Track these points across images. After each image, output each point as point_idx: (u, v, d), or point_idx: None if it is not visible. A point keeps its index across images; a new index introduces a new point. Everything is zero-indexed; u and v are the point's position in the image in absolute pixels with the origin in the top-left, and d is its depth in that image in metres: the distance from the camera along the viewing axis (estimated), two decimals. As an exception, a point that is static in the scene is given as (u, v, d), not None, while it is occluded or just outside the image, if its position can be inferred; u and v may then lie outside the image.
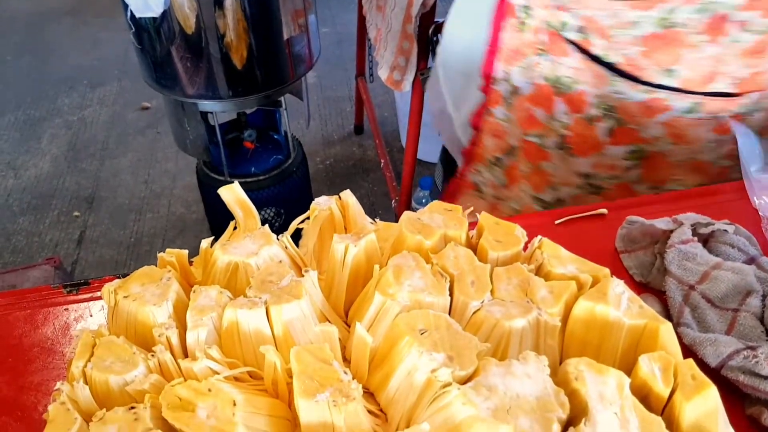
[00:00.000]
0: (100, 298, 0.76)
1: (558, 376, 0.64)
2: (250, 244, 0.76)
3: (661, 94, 1.09)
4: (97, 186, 2.95)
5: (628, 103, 1.11)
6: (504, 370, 0.62)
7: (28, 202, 2.88)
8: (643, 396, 0.63)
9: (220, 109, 2.02)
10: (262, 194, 2.20)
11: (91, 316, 0.87)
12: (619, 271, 0.88)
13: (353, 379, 0.61)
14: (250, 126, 2.30)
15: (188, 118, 2.04)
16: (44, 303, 0.89)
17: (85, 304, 0.89)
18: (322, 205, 0.84)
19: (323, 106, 3.38)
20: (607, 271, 0.73)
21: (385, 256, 0.80)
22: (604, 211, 0.96)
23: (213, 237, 0.85)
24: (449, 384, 0.61)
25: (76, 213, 2.81)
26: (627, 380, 0.61)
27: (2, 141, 3.27)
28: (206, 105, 1.99)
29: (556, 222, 0.96)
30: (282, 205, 2.27)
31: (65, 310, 0.88)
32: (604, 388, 0.61)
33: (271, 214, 2.27)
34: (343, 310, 0.76)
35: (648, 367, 0.63)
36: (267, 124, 2.36)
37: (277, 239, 0.79)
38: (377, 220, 0.88)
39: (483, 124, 1.32)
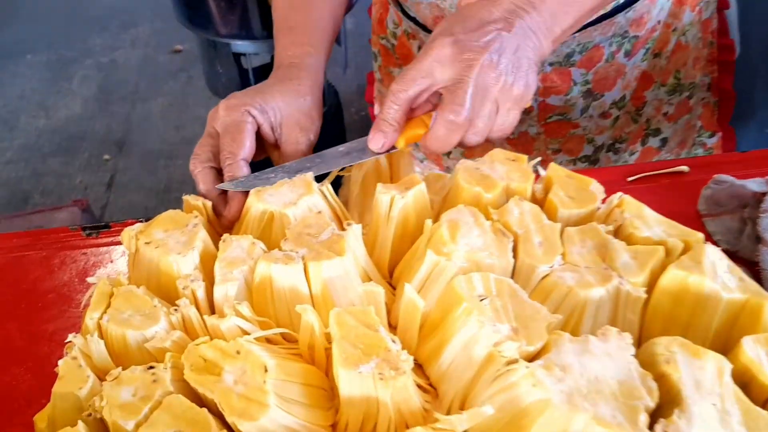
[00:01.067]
0: (121, 243, 0.68)
1: (641, 357, 0.55)
2: (287, 192, 0.68)
3: None
4: (128, 130, 2.89)
5: None
6: (580, 347, 0.53)
7: (58, 143, 2.83)
8: (744, 384, 0.53)
9: (253, 51, 1.93)
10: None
11: (111, 262, 0.80)
12: (701, 238, 0.77)
13: (402, 348, 0.53)
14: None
15: (221, 60, 1.95)
16: (62, 246, 0.82)
17: (106, 248, 0.82)
18: None
19: (360, 54, 3.25)
20: (700, 235, 0.63)
21: (436, 211, 0.71)
22: (685, 168, 0.85)
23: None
24: (515, 361, 0.52)
25: (106, 156, 2.75)
26: (728, 366, 0.52)
27: (34, 80, 3.22)
28: (239, 46, 1.90)
29: (629, 179, 0.85)
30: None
31: (83, 254, 0.81)
32: (701, 375, 0.52)
33: (305, 164, 2.18)
34: (388, 269, 0.67)
35: (753, 350, 0.53)
36: (303, 70, 2.26)
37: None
38: (426, 170, 0.79)
39: None
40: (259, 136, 0.75)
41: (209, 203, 0.70)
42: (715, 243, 0.78)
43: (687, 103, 1.05)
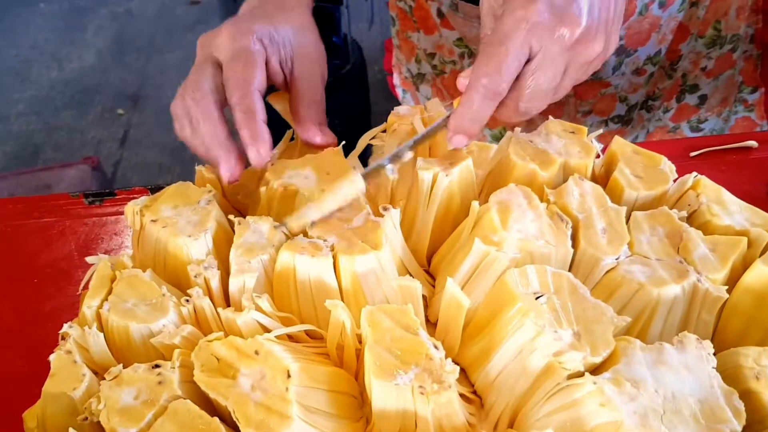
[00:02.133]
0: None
1: (721, 368, 0.47)
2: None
3: None
4: (143, 84, 2.80)
5: None
6: (653, 358, 0.46)
7: (71, 96, 2.75)
8: None
9: (274, 3, 1.82)
10: (315, 102, 2.01)
11: (116, 234, 0.73)
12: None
13: (444, 354, 0.45)
14: (305, 25, 2.09)
15: (239, 12, 1.85)
16: (62, 213, 0.75)
17: (111, 218, 0.74)
18: (402, 117, 0.66)
19: (385, 9, 3.12)
20: (789, 226, 0.54)
21: (481, 187, 0.63)
22: (754, 143, 0.76)
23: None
24: (579, 374, 0.44)
25: (120, 111, 2.67)
26: (833, 388, 0.44)
27: (47, 30, 3.13)
28: (259, -3, 1.79)
29: (692, 154, 0.76)
30: (338, 117, 2.08)
31: (85, 224, 0.73)
32: (798, 396, 0.44)
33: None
34: (426, 256, 0.59)
35: None
36: (325, 23, 2.15)
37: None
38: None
39: None
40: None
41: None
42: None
43: (729, 58, 0.95)
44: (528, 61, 0.51)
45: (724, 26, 0.92)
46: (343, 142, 0.62)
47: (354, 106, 2.11)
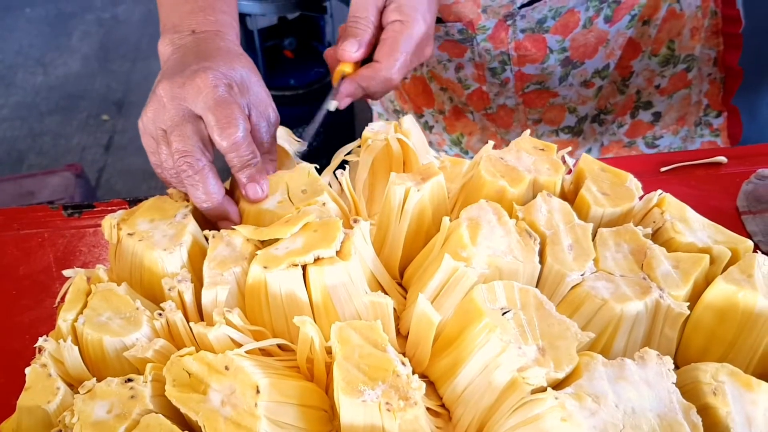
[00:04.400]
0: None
1: (681, 383, 0.48)
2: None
3: None
4: (128, 89, 2.80)
5: None
6: (615, 373, 0.47)
7: (56, 101, 2.75)
8: (800, 421, 0.47)
9: (259, 12, 1.83)
10: (299, 110, 2.02)
11: (95, 247, 0.73)
12: (740, 237, 0.70)
13: (413, 371, 0.46)
14: (290, 34, 2.11)
15: (224, 20, 1.85)
16: (41, 225, 0.75)
17: (90, 230, 0.75)
18: (377, 133, 0.67)
19: (369, 16, 3.13)
20: (750, 243, 0.56)
21: (453, 201, 0.64)
22: (722, 159, 0.77)
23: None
24: (542, 389, 0.45)
25: (105, 117, 2.67)
26: (787, 403, 0.45)
27: (32, 35, 3.12)
28: (245, 6, 1.80)
29: (662, 170, 0.78)
30: (321, 124, 2.09)
31: (64, 236, 0.74)
32: (752, 410, 0.45)
33: (311, 132, 2.09)
34: (399, 269, 0.60)
35: (814, 384, 0.46)
36: (309, 32, 2.16)
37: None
38: (442, 154, 0.71)
39: None
40: None
41: None
42: (756, 245, 0.71)
43: (684, 77, 0.97)
44: None
45: (678, 46, 0.94)
46: (316, 166, 0.64)
47: (337, 114, 2.12)
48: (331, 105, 0.71)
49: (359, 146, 0.68)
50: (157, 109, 0.60)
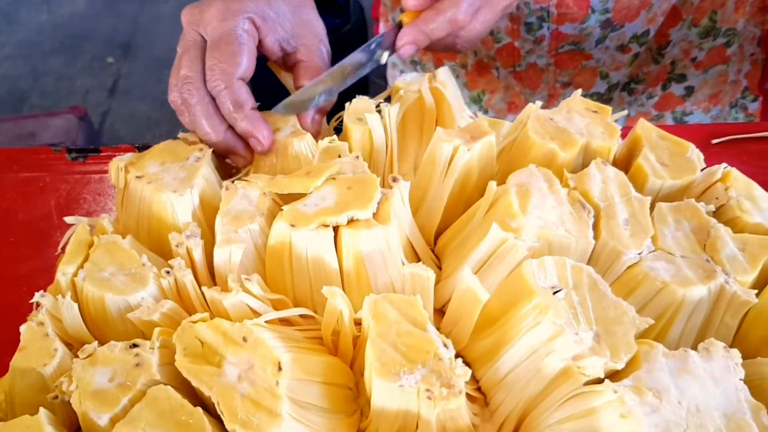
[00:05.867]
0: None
1: (745, 379, 0.43)
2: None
3: None
4: (134, 32, 2.71)
5: None
6: (677, 365, 0.42)
7: (60, 41, 2.65)
8: None
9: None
10: (313, 61, 1.94)
11: (99, 195, 0.68)
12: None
13: (454, 353, 0.41)
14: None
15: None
16: (43, 168, 0.70)
17: (95, 177, 0.70)
18: (409, 84, 0.61)
19: (387, -32, 3.02)
20: (824, 227, 0.51)
21: (496, 167, 0.58)
22: (778, 134, 0.72)
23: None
24: (599, 380, 0.41)
25: (110, 59, 2.58)
26: None
27: (37, -29, 3.01)
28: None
29: (714, 141, 0.72)
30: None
31: (66, 182, 0.68)
32: (832, 415, 0.40)
33: (322, 87, 2.02)
34: (434, 234, 0.54)
35: None
36: (326, -20, 2.07)
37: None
38: (480, 114, 0.65)
39: None
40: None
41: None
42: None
43: (723, 51, 0.90)
44: None
45: (720, 18, 0.88)
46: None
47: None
48: (383, 57, 0.62)
49: (388, 99, 0.62)
50: (182, 33, 0.59)
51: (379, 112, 0.57)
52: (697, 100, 0.95)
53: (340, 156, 0.53)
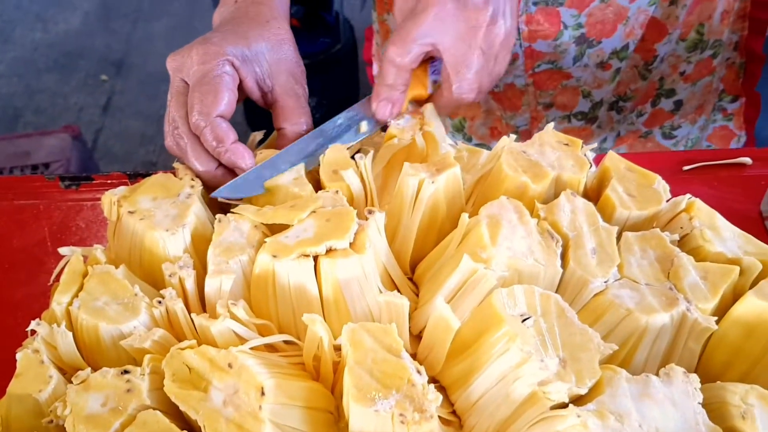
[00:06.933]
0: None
1: (705, 402, 0.46)
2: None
3: None
4: (128, 50, 2.74)
5: None
6: (639, 390, 0.45)
7: (55, 59, 2.68)
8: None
9: (266, -24, 1.77)
10: (304, 80, 1.98)
11: (91, 222, 0.70)
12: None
13: (427, 380, 0.43)
14: (297, 2, 2.05)
15: (230, -16, 1.80)
16: (36, 195, 0.72)
17: (87, 204, 0.72)
18: (403, 131, 0.63)
19: (378, -13, 3.06)
20: (782, 257, 0.53)
21: (469, 193, 0.61)
22: (747, 160, 0.75)
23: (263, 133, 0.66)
24: (563, 405, 0.43)
25: (103, 77, 2.61)
26: (820, 431, 0.43)
27: (32, -11, 3.04)
28: (252, -30, 1.75)
29: (685, 168, 0.75)
30: (325, 96, 2.05)
31: (60, 209, 0.71)
32: (783, 437, 0.43)
33: (312, 103, 2.05)
34: (409, 263, 0.57)
35: None
36: (317, 1, 2.11)
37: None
38: (460, 143, 0.68)
39: None
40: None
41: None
42: (780, 252, 0.68)
43: (710, 63, 0.93)
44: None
45: (707, 30, 0.89)
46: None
47: (343, 86, 2.08)
48: (363, 126, 0.63)
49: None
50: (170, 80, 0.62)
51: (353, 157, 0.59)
52: (685, 112, 0.97)
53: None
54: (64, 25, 2.86)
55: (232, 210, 0.56)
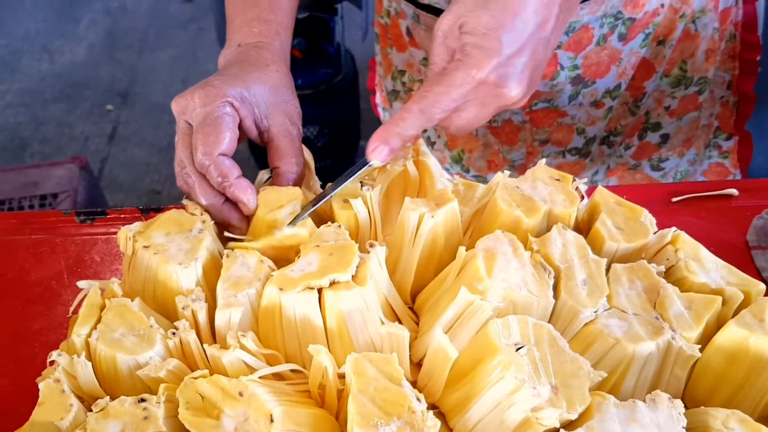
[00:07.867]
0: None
1: (688, 426, 0.49)
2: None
3: None
4: (133, 80, 2.80)
5: None
6: (626, 415, 0.47)
7: (61, 89, 2.74)
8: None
9: (269, 12, 1.82)
10: (306, 110, 1.99)
11: (106, 255, 0.73)
12: (748, 273, 0.71)
13: (427, 406, 0.46)
14: (299, 34, 2.10)
15: (234, 17, 1.85)
16: (52, 231, 0.75)
17: (102, 238, 0.75)
18: (395, 159, 0.66)
19: (378, 17, 3.12)
20: (762, 286, 0.56)
21: (466, 225, 0.64)
22: (733, 191, 0.78)
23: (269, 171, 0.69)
24: (555, 430, 0.46)
25: (109, 107, 2.67)
26: (797, 454, 0.45)
27: (39, 21, 3.11)
28: None
29: (674, 200, 0.78)
30: (326, 125, 2.09)
31: (75, 243, 0.74)
32: (762, 460, 0.46)
33: (314, 132, 2.10)
34: (410, 293, 0.60)
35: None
36: (319, 33, 2.16)
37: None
38: (456, 177, 0.71)
39: None
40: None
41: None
42: (763, 279, 0.71)
43: (695, 99, 0.96)
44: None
45: (690, 67, 0.93)
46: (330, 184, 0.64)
47: (344, 115, 2.12)
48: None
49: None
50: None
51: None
52: (672, 145, 1.00)
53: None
54: (70, 55, 2.92)
55: (228, 245, 0.59)
